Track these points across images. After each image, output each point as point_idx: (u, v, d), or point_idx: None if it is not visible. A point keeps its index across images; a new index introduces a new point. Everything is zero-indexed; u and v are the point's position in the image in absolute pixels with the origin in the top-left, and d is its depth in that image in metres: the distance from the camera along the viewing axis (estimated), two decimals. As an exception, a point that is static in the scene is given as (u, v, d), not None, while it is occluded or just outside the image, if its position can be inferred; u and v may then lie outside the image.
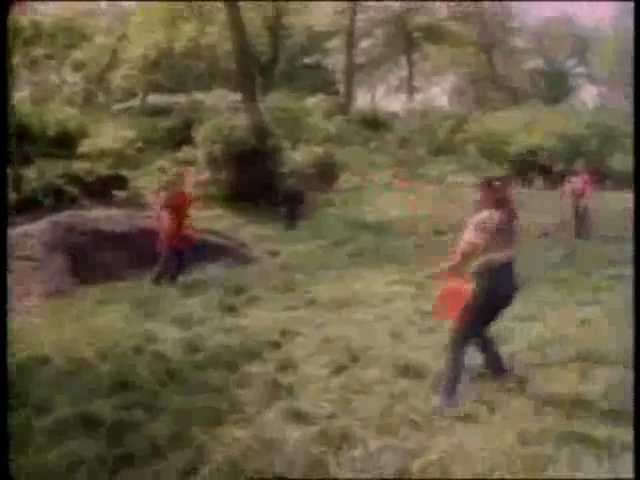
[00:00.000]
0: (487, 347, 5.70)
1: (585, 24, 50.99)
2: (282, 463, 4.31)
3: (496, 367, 5.67)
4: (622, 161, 25.50)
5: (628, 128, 29.57)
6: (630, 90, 38.40)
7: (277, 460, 4.34)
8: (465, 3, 44.52)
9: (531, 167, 25.44)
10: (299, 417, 5.08)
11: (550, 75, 50.12)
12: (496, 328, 5.89)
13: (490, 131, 28.42)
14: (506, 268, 5.33)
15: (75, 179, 19.12)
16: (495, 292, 5.31)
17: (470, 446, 4.54)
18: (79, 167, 20.04)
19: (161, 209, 10.44)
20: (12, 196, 16.33)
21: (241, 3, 23.28)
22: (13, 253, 10.16)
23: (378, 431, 4.83)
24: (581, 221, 14.88)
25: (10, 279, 8.89)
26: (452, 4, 45.14)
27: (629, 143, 27.29)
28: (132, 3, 34.43)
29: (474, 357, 5.72)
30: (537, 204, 18.82)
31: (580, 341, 6.58)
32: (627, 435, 4.56)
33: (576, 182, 15.20)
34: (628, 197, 20.17)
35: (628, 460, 3.92)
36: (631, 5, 17.22)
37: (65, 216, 12.27)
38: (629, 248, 12.10)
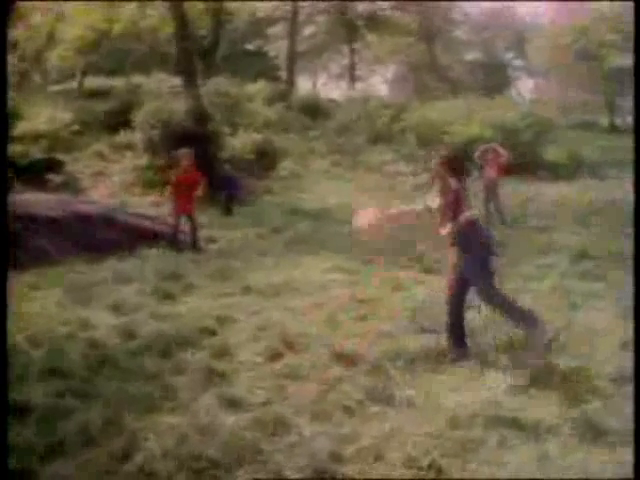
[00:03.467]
0: (461, 318, 6.12)
1: (524, 18, 51.64)
2: (216, 449, 4.33)
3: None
4: (554, 152, 26.02)
5: (561, 120, 30.31)
6: (566, 83, 39.37)
7: (211, 446, 4.36)
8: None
9: (468, 157, 25.67)
10: (234, 404, 5.11)
11: (489, 67, 50.80)
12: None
13: (429, 121, 28.54)
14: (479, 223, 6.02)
15: (9, 163, 18.63)
16: (485, 241, 5.94)
17: (402, 431, 4.64)
18: (13, 150, 19.50)
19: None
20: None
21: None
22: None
23: (312, 417, 4.89)
24: (496, 209, 14.92)
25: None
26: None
27: (561, 135, 27.92)
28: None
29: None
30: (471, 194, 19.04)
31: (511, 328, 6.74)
32: (552, 418, 4.74)
33: (488, 170, 15.24)
34: (559, 188, 20.72)
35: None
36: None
37: (-3, 200, 11.97)
38: (558, 237, 12.53)
